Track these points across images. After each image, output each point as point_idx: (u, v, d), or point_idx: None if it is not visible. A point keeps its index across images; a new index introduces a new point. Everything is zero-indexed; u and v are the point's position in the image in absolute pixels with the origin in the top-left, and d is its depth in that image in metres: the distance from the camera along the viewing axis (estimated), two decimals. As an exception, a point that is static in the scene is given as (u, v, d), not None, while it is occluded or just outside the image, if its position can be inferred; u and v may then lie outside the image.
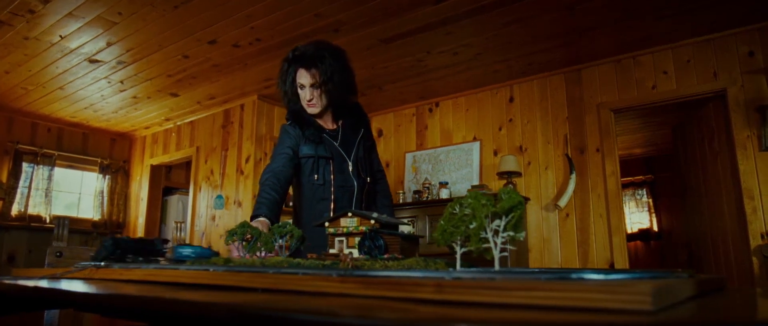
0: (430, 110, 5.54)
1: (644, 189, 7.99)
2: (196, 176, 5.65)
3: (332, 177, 2.27)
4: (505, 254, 0.91)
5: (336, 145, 2.32)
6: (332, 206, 2.26)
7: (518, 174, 4.68)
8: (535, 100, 4.83)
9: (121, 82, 4.78)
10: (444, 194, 4.91)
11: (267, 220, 2.00)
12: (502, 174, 4.70)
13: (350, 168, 2.31)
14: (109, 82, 4.79)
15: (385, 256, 1.12)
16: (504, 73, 4.78)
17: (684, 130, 4.62)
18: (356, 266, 1.05)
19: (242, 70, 4.52)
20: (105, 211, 6.30)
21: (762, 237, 3.60)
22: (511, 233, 0.90)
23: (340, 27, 3.73)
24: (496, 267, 0.90)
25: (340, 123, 2.39)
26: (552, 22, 3.73)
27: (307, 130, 2.27)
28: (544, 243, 4.53)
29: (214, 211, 5.32)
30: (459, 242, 1.00)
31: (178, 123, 6.06)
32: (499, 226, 0.92)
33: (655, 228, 7.83)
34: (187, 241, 5.55)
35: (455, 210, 1.02)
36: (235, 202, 5.14)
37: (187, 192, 6.16)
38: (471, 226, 0.92)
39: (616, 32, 3.95)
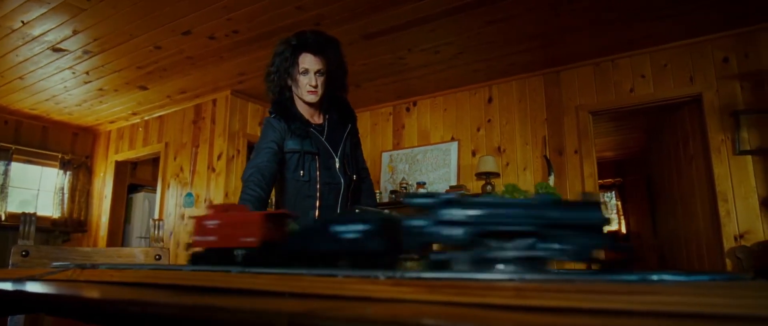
0: (408, 109, 5.48)
1: (613, 192, 8.13)
2: (165, 173, 5.44)
3: (318, 173, 2.17)
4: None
5: (322, 140, 2.23)
6: (318, 204, 2.16)
7: (497, 175, 4.66)
8: (514, 100, 4.82)
9: (87, 73, 4.55)
10: (421, 194, 4.85)
11: (253, 219, 1.89)
12: (480, 175, 4.67)
13: (337, 165, 2.23)
14: (73, 73, 4.55)
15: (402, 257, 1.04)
16: (483, 73, 4.76)
17: (659, 133, 4.68)
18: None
19: (217, 63, 4.36)
20: (65, 209, 6.01)
21: (735, 239, 3.66)
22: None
23: (321, 21, 3.62)
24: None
25: (326, 117, 2.30)
26: (535, 21, 3.72)
27: (293, 124, 2.17)
28: (521, 244, 4.51)
29: (184, 210, 5.12)
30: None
31: (146, 118, 5.83)
32: (535, 224, 0.85)
33: (624, 230, 7.98)
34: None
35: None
36: (205, 200, 4.96)
37: (154, 190, 5.92)
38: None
39: (596, 35, 3.97)
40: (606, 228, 0.75)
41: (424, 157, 5.26)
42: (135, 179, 6.58)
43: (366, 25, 3.68)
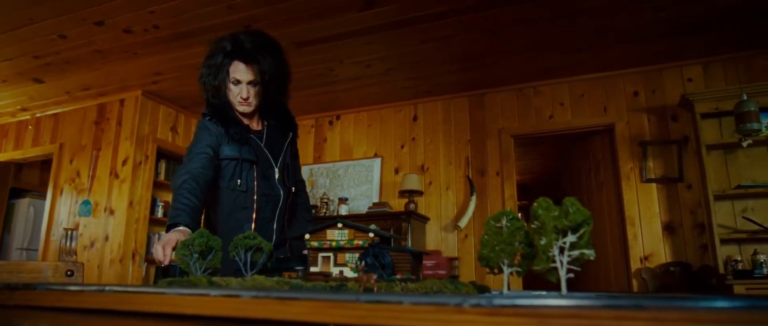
0: (331, 123, 5.36)
1: (520, 215, 8.49)
2: (58, 177, 4.87)
3: (256, 183, 2.00)
4: (571, 275, 0.78)
5: (263, 147, 2.07)
6: (254, 216, 1.99)
7: (420, 193, 4.66)
8: (439, 120, 4.88)
9: (-30, 58, 3.98)
10: (343, 210, 4.74)
11: (189, 231, 1.69)
12: (404, 193, 4.65)
13: (276, 176, 2.07)
14: (-48, 58, 3.96)
15: (398, 277, 0.93)
16: (410, 91, 4.78)
17: (571, 159, 4.94)
18: (400, 290, 0.85)
19: (130, 59, 3.99)
20: (-72, 214, 5.19)
21: (641, 260, 3.91)
22: (587, 251, 0.77)
23: (252, 23, 3.43)
24: (563, 290, 0.77)
25: (265, 124, 2.14)
26: (469, 43, 3.78)
27: (231, 128, 1.98)
28: (442, 263, 4.52)
29: (79, 219, 4.60)
30: (506, 261, 0.86)
31: (38, 114, 5.21)
32: (565, 243, 0.79)
33: (528, 250, 8.33)
34: (39, 253, 4.73)
35: (502, 224, 0.88)
36: (106, 209, 4.49)
37: (42, 196, 5.28)
38: (542, 242, 0.77)
39: (521, 62, 4.12)
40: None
41: (346, 173, 5.15)
42: (19, 183, 5.85)
43: (301, 32, 3.54)
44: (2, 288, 0.73)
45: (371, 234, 1.01)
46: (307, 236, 1.06)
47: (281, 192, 2.05)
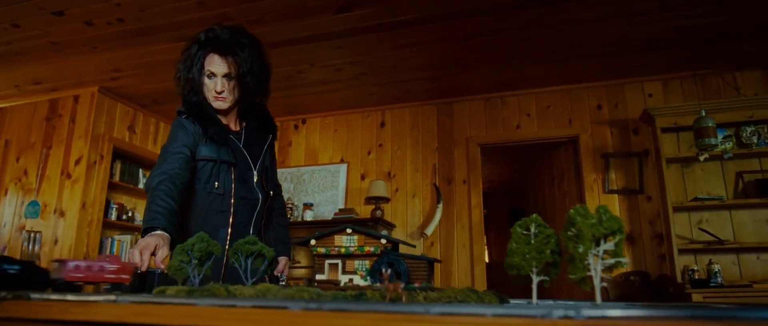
0: (296, 127, 5.27)
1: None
2: (2, 176, 4.56)
3: (233, 186, 1.92)
4: (604, 285, 0.76)
5: (242, 149, 1.98)
6: (231, 220, 1.90)
7: (386, 199, 4.63)
8: (407, 127, 4.87)
9: None
10: (308, 216, 4.66)
11: (167, 235, 1.59)
12: (370, 199, 4.60)
13: (255, 179, 1.99)
14: None
15: (416, 285, 0.89)
16: (378, 97, 4.75)
17: (534, 169, 5.02)
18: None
19: (88, 53, 3.79)
20: None
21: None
22: (622, 260, 0.76)
23: (223, 21, 3.32)
24: (598, 299, 0.75)
25: (244, 125, 2.06)
26: (441, 51, 3.79)
27: (210, 128, 1.89)
28: (407, 270, 4.50)
29: (25, 220, 4.32)
30: (535, 269, 0.83)
31: (-19, 108, 4.88)
32: (598, 251, 0.77)
33: (487, 259, 8.44)
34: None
35: (529, 231, 0.85)
36: (56, 211, 4.24)
37: (-18, 196, 4.93)
38: (580, 250, 0.75)
39: (489, 72, 4.17)
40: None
41: (312, 178, 5.07)
42: (-44, 181, 5.45)
43: (274, 32, 3.45)
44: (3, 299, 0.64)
45: (383, 241, 0.96)
46: (313, 242, 1.00)
47: (259, 196, 1.98)
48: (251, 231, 1.97)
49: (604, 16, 3.29)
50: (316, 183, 5.01)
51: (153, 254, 1.49)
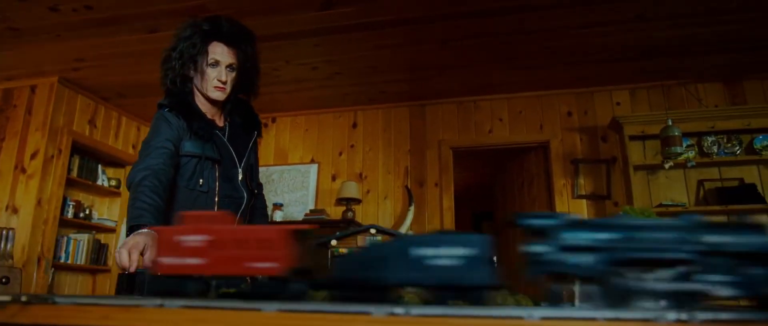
0: (266, 125, 5.16)
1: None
2: (-52, 169, 4.27)
3: (217, 184, 1.85)
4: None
5: (228, 146, 1.92)
6: (215, 220, 1.82)
7: (358, 201, 4.59)
8: (379, 128, 4.84)
9: None
10: (278, 216, 4.56)
11: (155, 233, 1.51)
12: (341, 201, 4.55)
13: (240, 177, 1.93)
14: None
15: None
16: (351, 98, 4.71)
17: (505, 173, 5.09)
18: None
19: (50, 41, 3.59)
20: None
21: (571, 274, 4.08)
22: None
23: (200, 12, 3.20)
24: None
25: (228, 120, 2.00)
26: (420, 53, 3.79)
27: (194, 122, 1.82)
28: (378, 273, 4.47)
29: (-26, 217, 4.05)
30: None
31: (-75, 96, 4.55)
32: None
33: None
34: None
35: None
36: (8, 208, 3.99)
37: (-76, 190, 4.60)
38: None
39: (463, 75, 4.20)
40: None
41: (281, 178, 4.97)
42: None
43: (252, 27, 3.32)
44: (8, 303, 0.57)
45: (410, 242, 0.93)
46: (334, 242, 0.96)
47: (244, 195, 1.92)
48: (235, 232, 1.89)
49: (585, 25, 3.36)
50: (286, 183, 4.92)
51: (141, 254, 1.41)
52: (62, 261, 4.30)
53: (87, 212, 4.64)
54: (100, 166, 4.79)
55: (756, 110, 3.88)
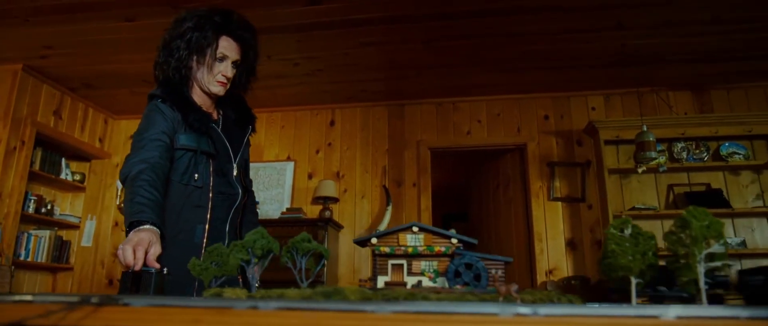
0: (240, 121, 5.03)
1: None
2: None
3: (211, 179, 1.78)
4: (706, 287, 0.76)
5: (224, 140, 1.86)
6: (208, 216, 1.77)
7: (335, 200, 4.54)
8: (357, 127, 4.80)
9: None
10: (253, 214, 4.45)
11: (157, 230, 1.44)
12: (318, 199, 4.49)
13: (234, 172, 1.87)
14: None
15: (516, 287, 0.84)
16: (330, 95, 4.65)
17: (480, 175, 5.13)
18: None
19: (14, 26, 3.40)
20: None
21: (546, 274, 4.15)
22: (729, 263, 0.75)
23: (179, 3, 3.11)
24: (704, 301, 0.74)
25: (220, 113, 1.94)
26: (403, 52, 3.78)
27: (190, 115, 1.75)
28: (354, 273, 4.44)
29: (-75, 211, 3.80)
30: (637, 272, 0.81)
31: None
32: (706, 254, 0.77)
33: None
34: None
35: (627, 232, 0.83)
36: (-35, 202, 3.76)
37: None
38: (695, 253, 0.74)
39: (443, 76, 4.21)
40: None
41: (256, 175, 4.86)
42: None
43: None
44: (77, 304, 0.52)
45: (454, 240, 0.91)
46: (374, 241, 0.93)
47: (239, 192, 1.86)
48: (227, 228, 1.84)
49: (567, 31, 3.42)
50: (261, 181, 4.82)
51: (147, 251, 1.34)
52: (22, 258, 4.08)
53: (49, 207, 4.42)
54: (63, 160, 4.58)
55: (722, 119, 4.04)
